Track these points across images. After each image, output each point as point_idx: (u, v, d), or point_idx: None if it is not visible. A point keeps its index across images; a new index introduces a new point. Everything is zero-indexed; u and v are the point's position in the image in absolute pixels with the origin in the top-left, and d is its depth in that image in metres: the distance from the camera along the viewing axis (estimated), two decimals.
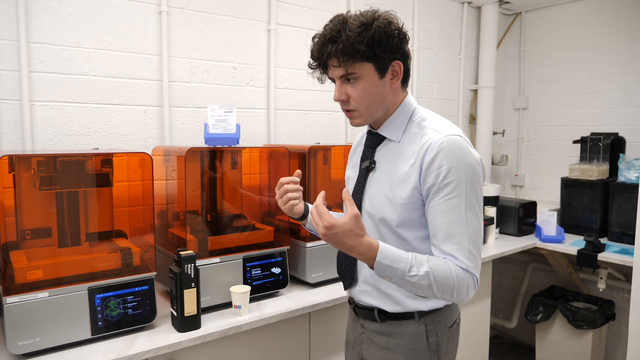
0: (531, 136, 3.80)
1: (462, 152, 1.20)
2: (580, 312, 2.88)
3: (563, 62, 3.56)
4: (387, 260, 1.14)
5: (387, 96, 1.29)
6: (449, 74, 3.52)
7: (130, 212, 1.87)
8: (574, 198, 3.16)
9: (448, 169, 1.18)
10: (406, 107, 1.32)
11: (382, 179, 1.32)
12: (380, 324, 1.37)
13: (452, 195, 1.18)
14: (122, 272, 1.60)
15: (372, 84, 1.25)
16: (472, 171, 1.20)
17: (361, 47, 1.18)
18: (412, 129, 1.29)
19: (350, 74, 1.24)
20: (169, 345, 1.50)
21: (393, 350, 1.35)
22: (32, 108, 1.88)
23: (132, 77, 2.10)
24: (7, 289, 1.39)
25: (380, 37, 1.19)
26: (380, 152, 1.35)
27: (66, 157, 1.60)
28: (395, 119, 1.32)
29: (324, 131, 2.79)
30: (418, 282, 1.15)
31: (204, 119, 2.31)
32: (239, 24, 2.41)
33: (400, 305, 1.33)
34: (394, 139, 1.32)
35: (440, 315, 1.36)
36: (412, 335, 1.34)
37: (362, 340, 1.44)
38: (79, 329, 1.47)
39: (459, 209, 1.18)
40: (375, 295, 1.37)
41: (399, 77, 1.28)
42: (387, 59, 1.23)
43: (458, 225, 1.18)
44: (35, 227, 1.62)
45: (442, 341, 1.36)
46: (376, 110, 1.29)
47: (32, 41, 1.86)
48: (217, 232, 1.93)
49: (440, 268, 1.17)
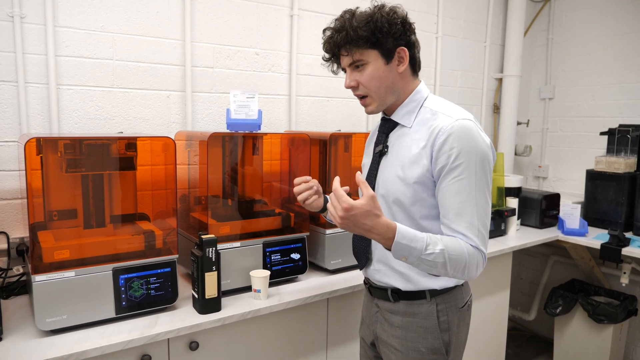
0: (556, 127, 3.72)
1: (472, 135, 1.25)
2: (601, 306, 2.84)
3: (592, 51, 3.47)
4: (405, 240, 1.18)
5: (395, 81, 1.35)
6: (474, 62, 3.46)
7: (153, 196, 1.90)
8: (599, 191, 3.09)
9: (458, 151, 1.23)
10: (418, 95, 1.38)
11: (394, 161, 1.37)
12: (394, 304, 1.43)
13: (463, 176, 1.23)
14: (146, 254, 1.63)
15: (379, 69, 1.32)
16: (482, 154, 1.25)
17: (364, 34, 1.27)
18: (424, 115, 1.35)
19: (358, 60, 1.32)
20: (190, 327, 1.53)
21: (406, 329, 1.40)
22: (58, 92, 1.91)
23: (156, 61, 2.12)
24: (36, 267, 1.44)
25: (383, 23, 1.27)
26: (393, 138, 1.41)
27: (92, 140, 1.63)
28: (406, 105, 1.38)
29: (345, 119, 2.78)
30: (434, 260, 1.20)
31: (226, 104, 2.32)
32: (261, 9, 2.40)
33: (412, 283, 1.39)
34: (405, 124, 1.37)
35: (451, 296, 1.41)
36: (424, 314, 1.39)
37: (376, 319, 1.49)
38: (104, 308, 1.51)
39: (469, 189, 1.23)
40: (389, 274, 1.42)
41: (405, 62, 1.33)
42: (391, 45, 1.30)
43: (468, 204, 1.23)
44: (61, 209, 1.66)
45: (453, 321, 1.40)
46: (386, 95, 1.36)
47: (58, 25, 1.89)
48: (238, 217, 1.95)
49: (453, 246, 1.22)
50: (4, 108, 1.81)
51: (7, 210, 1.85)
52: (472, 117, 1.30)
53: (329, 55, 1.39)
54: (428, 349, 1.39)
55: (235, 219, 1.92)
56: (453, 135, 1.23)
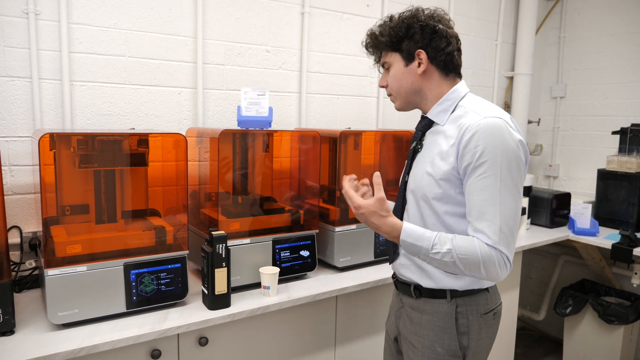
0: (568, 126, 3.69)
1: (500, 132, 1.24)
2: (612, 307, 2.82)
3: (605, 49, 3.43)
4: (410, 239, 1.26)
5: (416, 82, 1.39)
6: (485, 60, 3.44)
7: (164, 192, 1.91)
8: (610, 190, 3.06)
9: (483, 149, 1.22)
10: (454, 94, 1.39)
11: (425, 158, 1.39)
12: (415, 300, 1.44)
13: (487, 174, 1.23)
14: (156, 249, 1.64)
15: (399, 70, 1.40)
16: (509, 152, 1.23)
17: (382, 39, 1.39)
18: (458, 113, 1.36)
19: (385, 62, 1.44)
20: (200, 322, 1.54)
21: (424, 327, 1.41)
22: (71, 88, 1.93)
23: (168, 58, 2.13)
24: (49, 261, 1.45)
25: (400, 28, 1.35)
26: (429, 135, 1.43)
27: (104, 136, 1.64)
28: (442, 104, 1.39)
29: (355, 116, 2.78)
30: (442, 259, 1.24)
31: (236, 101, 2.33)
32: (272, 6, 2.40)
33: (433, 280, 1.40)
34: (439, 123, 1.39)
35: (472, 299, 1.39)
36: (442, 314, 1.39)
37: (400, 314, 1.52)
38: (115, 303, 1.53)
39: (493, 187, 1.23)
40: (413, 269, 1.44)
41: (424, 64, 1.36)
42: (410, 48, 1.36)
43: (491, 203, 1.23)
44: (74, 204, 1.68)
45: (473, 325, 1.38)
46: (407, 95, 1.42)
47: (72, 22, 1.90)
48: (247, 213, 1.96)
49: (464, 246, 1.23)
50: (18, 104, 1.83)
51: (20, 205, 1.87)
52: (507, 115, 1.30)
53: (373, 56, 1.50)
54: (444, 350, 1.38)
55: (245, 216, 1.93)
56: (479, 132, 1.23)
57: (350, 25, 2.67)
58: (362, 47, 1.50)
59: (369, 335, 2.03)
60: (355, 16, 2.68)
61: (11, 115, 1.83)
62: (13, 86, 1.82)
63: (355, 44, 2.69)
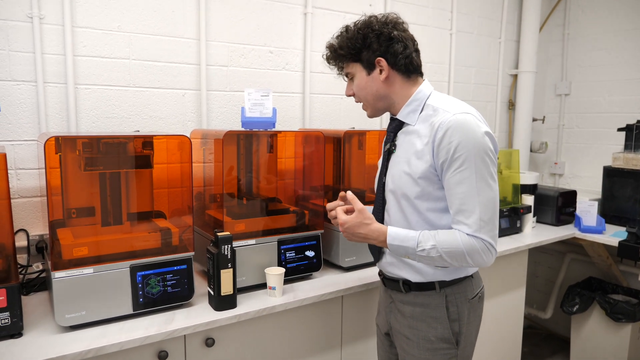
0: (573, 123, 3.67)
1: (470, 127, 1.29)
2: (619, 304, 2.80)
3: (610, 46, 3.41)
4: (397, 241, 1.35)
5: (380, 88, 1.43)
6: (488, 58, 3.43)
7: (169, 194, 1.92)
8: (616, 188, 3.05)
9: (457, 144, 1.28)
10: (420, 94, 1.44)
11: (401, 158, 1.44)
12: (405, 294, 1.50)
13: (462, 168, 1.28)
14: (162, 251, 1.65)
15: (362, 79, 1.44)
16: (481, 144, 1.29)
17: (342, 52, 1.44)
18: (427, 112, 1.40)
19: (347, 73, 1.49)
20: (206, 323, 1.54)
21: (416, 319, 1.47)
22: (76, 91, 1.94)
23: (171, 60, 2.14)
24: (55, 264, 1.46)
25: (357, 39, 1.40)
26: (401, 136, 1.47)
27: (109, 139, 1.65)
28: (410, 105, 1.44)
29: (359, 116, 2.78)
30: (429, 255, 1.32)
31: (240, 102, 2.33)
32: (275, 7, 2.40)
33: (422, 274, 1.46)
34: (410, 123, 1.44)
35: (460, 287, 1.46)
36: (433, 305, 1.45)
37: (390, 310, 1.57)
38: (122, 305, 1.53)
39: (469, 180, 1.28)
40: (400, 266, 1.49)
41: (385, 71, 1.40)
42: (370, 56, 1.40)
43: (469, 195, 1.29)
44: (79, 206, 1.68)
45: (462, 312, 1.45)
46: (375, 102, 1.47)
47: (76, 25, 1.91)
48: (253, 214, 1.96)
49: (446, 239, 1.31)
50: (23, 108, 1.84)
51: (26, 208, 1.88)
52: (474, 110, 1.35)
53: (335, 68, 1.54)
54: (438, 338, 1.44)
55: (250, 217, 1.93)
56: (451, 129, 1.28)
57: None
58: None
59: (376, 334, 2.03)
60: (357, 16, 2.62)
61: (17, 119, 1.84)
62: (18, 90, 1.83)
63: None
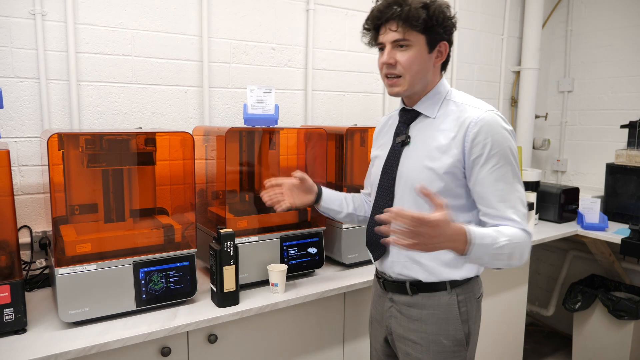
0: (575, 120, 3.66)
1: (502, 125, 1.30)
2: (622, 302, 2.80)
3: (613, 42, 3.40)
4: (478, 239, 1.17)
5: (428, 72, 1.37)
6: (491, 55, 3.42)
7: (172, 190, 1.92)
8: (619, 185, 3.04)
9: (493, 141, 1.27)
10: (442, 87, 1.41)
11: (419, 152, 1.38)
12: (412, 297, 1.41)
13: (499, 165, 1.27)
14: (165, 247, 1.65)
15: (420, 54, 1.32)
16: (511, 143, 1.30)
17: (423, 15, 1.27)
18: (449, 107, 1.37)
19: (406, 40, 1.30)
20: (209, 320, 1.55)
21: (425, 322, 1.39)
22: (79, 88, 1.94)
23: (174, 57, 2.14)
24: (59, 260, 1.47)
25: (440, 14, 1.30)
26: (415, 128, 1.42)
27: (112, 135, 1.65)
28: (431, 97, 1.40)
29: (361, 113, 2.78)
30: (502, 253, 1.20)
31: (242, 99, 2.33)
32: (278, 4, 2.40)
33: (434, 274, 1.38)
34: (429, 115, 1.39)
35: (470, 286, 1.42)
36: (444, 306, 1.38)
37: (390, 314, 1.47)
38: (125, 301, 1.54)
39: (506, 176, 1.27)
40: (410, 266, 1.41)
41: (442, 57, 1.37)
42: (439, 36, 1.33)
43: (509, 191, 1.27)
44: (82, 203, 1.69)
45: (471, 311, 1.41)
46: (418, 82, 1.36)
47: (78, 22, 1.91)
48: (255, 211, 1.96)
49: (513, 233, 1.23)
50: (26, 104, 1.85)
51: (29, 205, 1.89)
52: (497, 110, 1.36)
53: (372, 25, 1.36)
54: (450, 341, 1.38)
55: (252, 214, 1.93)
56: (485, 125, 1.27)
57: (355, 22, 2.66)
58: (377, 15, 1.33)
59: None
60: (360, 12, 2.67)
61: (20, 116, 1.84)
62: (21, 87, 1.83)
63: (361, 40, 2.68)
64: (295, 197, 1.61)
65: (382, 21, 1.32)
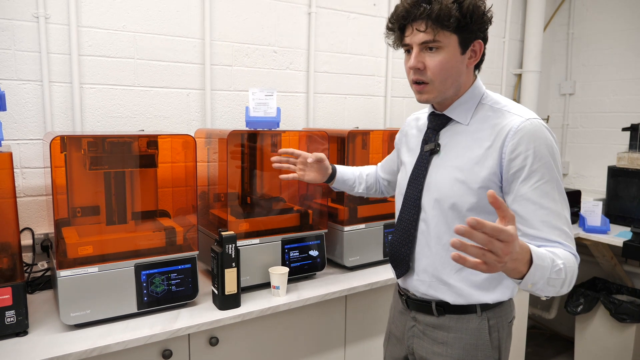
0: (577, 123, 3.66)
1: (546, 135, 1.15)
2: (624, 305, 2.79)
3: (615, 45, 3.40)
4: (539, 260, 0.98)
5: (462, 75, 1.23)
6: (492, 57, 3.42)
7: (174, 193, 1.92)
8: (621, 187, 3.04)
9: (535, 153, 1.12)
10: (476, 90, 1.27)
11: (450, 162, 1.24)
12: (437, 318, 1.30)
13: (544, 180, 1.12)
14: (166, 250, 1.65)
15: (453, 57, 1.19)
16: (556, 154, 1.16)
17: (456, 14, 1.13)
18: (484, 112, 1.23)
19: (436, 41, 1.16)
20: (210, 322, 1.55)
21: (452, 346, 1.27)
22: (81, 90, 1.94)
23: (176, 60, 2.15)
24: (61, 263, 1.47)
25: (474, 10, 1.16)
26: (446, 135, 1.28)
27: (114, 138, 1.65)
28: (465, 102, 1.26)
29: (363, 115, 2.78)
30: (558, 278, 1.02)
31: (244, 102, 2.34)
32: (280, 7, 2.41)
33: (464, 297, 1.25)
34: (462, 122, 1.25)
35: (502, 310, 1.29)
36: (474, 330, 1.26)
37: (413, 334, 1.36)
38: (126, 303, 1.54)
39: (552, 193, 1.13)
40: (436, 286, 1.28)
41: (477, 57, 1.24)
42: (472, 34, 1.19)
43: (556, 211, 1.12)
44: (84, 205, 1.69)
45: (502, 337, 1.29)
46: (449, 87, 1.23)
47: (81, 25, 1.92)
48: (256, 214, 1.96)
49: (566, 257, 1.07)
50: (29, 107, 1.85)
51: (32, 207, 1.89)
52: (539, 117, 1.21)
53: (397, 25, 1.22)
54: None
55: (254, 216, 1.93)
56: (526, 136, 1.13)
57: (356, 25, 2.67)
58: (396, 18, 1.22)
59: (379, 335, 2.03)
60: (361, 15, 2.68)
61: (22, 119, 1.85)
62: (24, 89, 1.84)
63: (363, 43, 2.69)
64: (307, 172, 1.63)
65: (409, 20, 1.18)
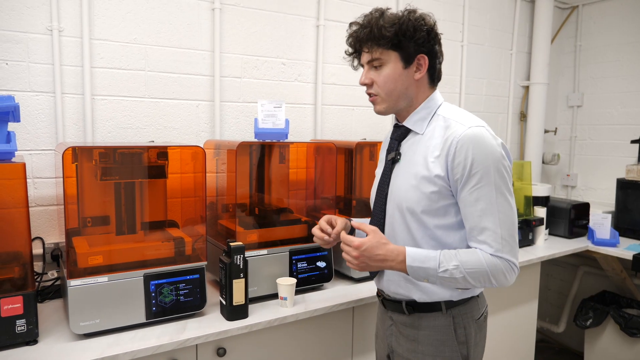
0: (585, 135, 3.65)
1: (485, 141, 1.24)
2: (634, 319, 2.76)
3: (622, 57, 3.40)
4: (417, 262, 1.25)
5: (409, 87, 1.34)
6: (500, 70, 3.43)
7: (183, 203, 1.94)
8: (630, 200, 3.02)
9: (473, 160, 1.22)
10: (431, 102, 1.37)
11: (407, 169, 1.35)
12: (408, 316, 1.41)
13: (480, 184, 1.23)
14: (175, 260, 1.66)
15: (395, 72, 1.32)
16: (498, 158, 1.24)
17: (387, 34, 1.27)
18: (437, 122, 1.33)
19: (377, 59, 1.32)
20: (218, 333, 1.55)
21: (421, 342, 1.38)
22: (93, 102, 1.97)
23: (186, 72, 2.17)
24: (71, 272, 1.48)
25: (408, 28, 1.28)
26: (406, 145, 1.40)
27: (125, 149, 1.68)
28: (419, 112, 1.37)
29: (371, 127, 2.79)
30: (452, 277, 1.23)
31: (253, 113, 2.36)
32: (288, 20, 2.44)
33: (427, 294, 1.36)
34: (418, 132, 1.37)
35: (467, 307, 1.38)
36: (440, 327, 1.37)
37: (391, 332, 1.47)
38: (135, 313, 1.55)
39: (488, 197, 1.23)
40: (404, 285, 1.39)
41: (422, 70, 1.33)
42: (412, 50, 1.30)
43: (489, 213, 1.23)
44: (95, 215, 1.71)
45: (470, 333, 1.38)
46: (398, 100, 1.35)
47: (94, 38, 1.95)
48: (264, 225, 1.97)
49: (469, 259, 1.23)
50: (41, 118, 1.88)
51: (43, 217, 1.91)
52: (485, 123, 1.30)
53: (352, 50, 1.40)
54: None
55: (262, 227, 1.94)
56: (466, 143, 1.23)
57: None
58: None
59: None
60: None
61: (35, 129, 1.88)
62: (37, 101, 1.87)
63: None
64: None
65: (357, 45, 1.37)
